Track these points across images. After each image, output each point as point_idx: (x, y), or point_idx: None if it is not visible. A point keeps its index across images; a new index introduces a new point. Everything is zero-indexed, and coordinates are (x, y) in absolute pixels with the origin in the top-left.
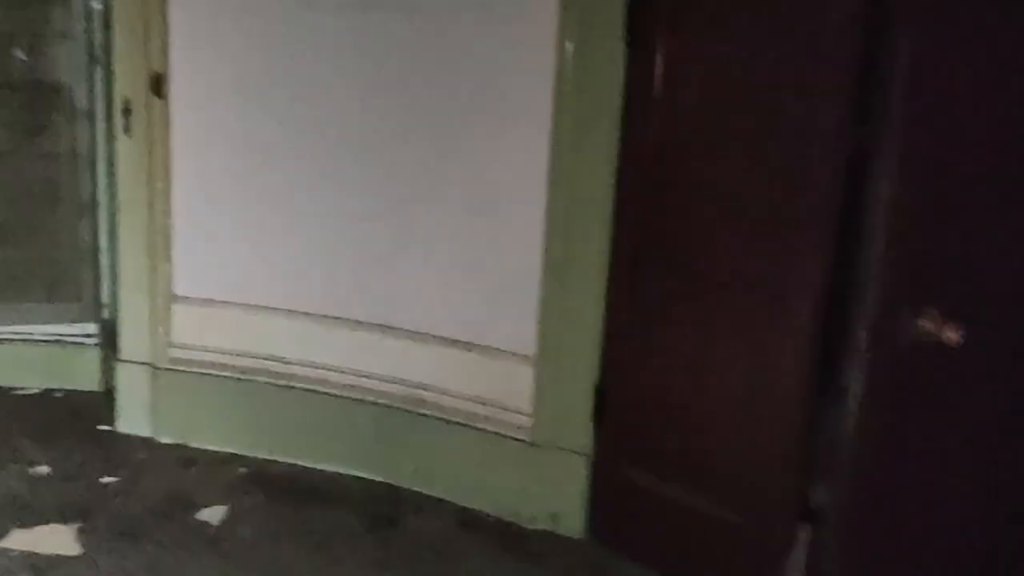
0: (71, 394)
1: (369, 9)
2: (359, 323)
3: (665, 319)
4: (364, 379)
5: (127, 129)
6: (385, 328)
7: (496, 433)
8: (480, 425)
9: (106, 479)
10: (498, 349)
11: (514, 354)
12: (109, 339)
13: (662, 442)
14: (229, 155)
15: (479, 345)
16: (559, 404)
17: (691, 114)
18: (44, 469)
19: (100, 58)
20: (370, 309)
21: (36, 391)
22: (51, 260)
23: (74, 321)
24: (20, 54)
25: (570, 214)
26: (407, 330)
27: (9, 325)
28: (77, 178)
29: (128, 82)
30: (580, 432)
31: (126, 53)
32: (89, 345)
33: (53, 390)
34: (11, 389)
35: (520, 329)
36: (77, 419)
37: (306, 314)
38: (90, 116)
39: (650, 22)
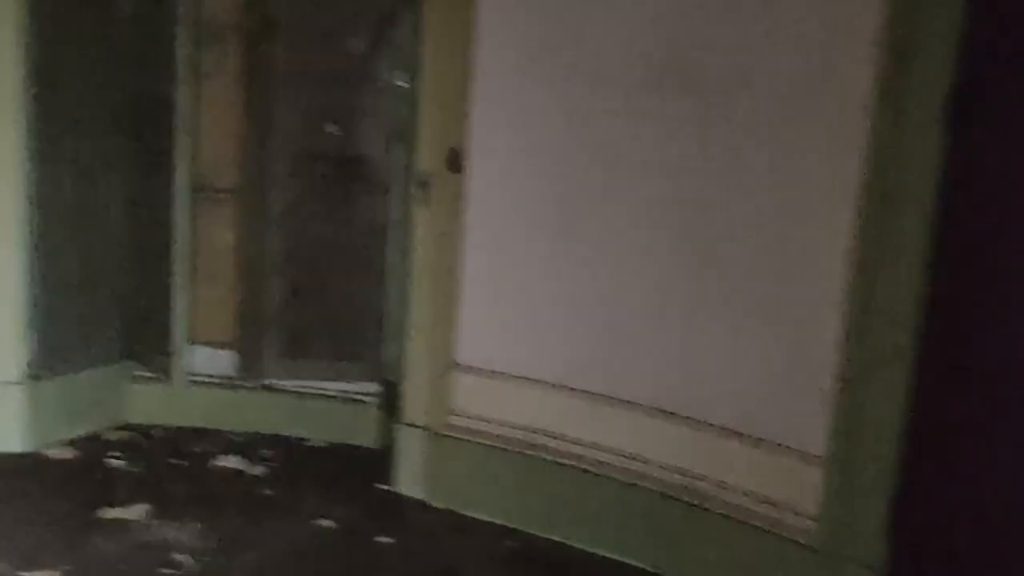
0: (352, 449)
1: (665, 89)
2: (639, 406)
3: (979, 431)
4: (640, 464)
5: (424, 201)
6: (665, 413)
7: (776, 534)
8: (759, 524)
9: (382, 539)
10: (785, 446)
11: (802, 452)
12: (389, 400)
13: (967, 568)
14: (519, 229)
15: (764, 440)
16: (849, 511)
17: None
18: (325, 523)
19: (401, 133)
20: (651, 392)
21: (321, 443)
22: (342, 321)
23: (358, 380)
24: (332, 128)
25: (871, 305)
26: (688, 417)
27: (301, 379)
28: (372, 245)
29: (427, 156)
30: (871, 544)
31: (427, 129)
32: (370, 404)
33: (337, 444)
34: (300, 439)
35: (810, 426)
36: (357, 475)
37: (586, 392)
38: (388, 187)
39: (982, 109)
